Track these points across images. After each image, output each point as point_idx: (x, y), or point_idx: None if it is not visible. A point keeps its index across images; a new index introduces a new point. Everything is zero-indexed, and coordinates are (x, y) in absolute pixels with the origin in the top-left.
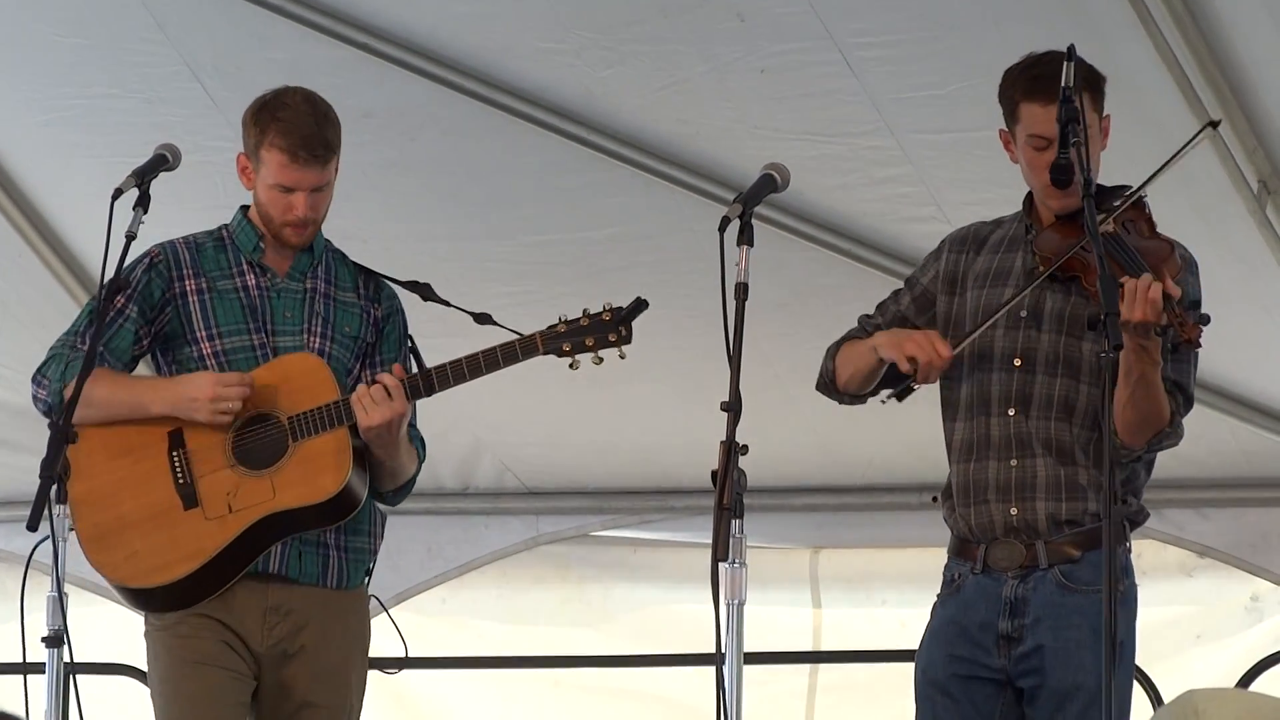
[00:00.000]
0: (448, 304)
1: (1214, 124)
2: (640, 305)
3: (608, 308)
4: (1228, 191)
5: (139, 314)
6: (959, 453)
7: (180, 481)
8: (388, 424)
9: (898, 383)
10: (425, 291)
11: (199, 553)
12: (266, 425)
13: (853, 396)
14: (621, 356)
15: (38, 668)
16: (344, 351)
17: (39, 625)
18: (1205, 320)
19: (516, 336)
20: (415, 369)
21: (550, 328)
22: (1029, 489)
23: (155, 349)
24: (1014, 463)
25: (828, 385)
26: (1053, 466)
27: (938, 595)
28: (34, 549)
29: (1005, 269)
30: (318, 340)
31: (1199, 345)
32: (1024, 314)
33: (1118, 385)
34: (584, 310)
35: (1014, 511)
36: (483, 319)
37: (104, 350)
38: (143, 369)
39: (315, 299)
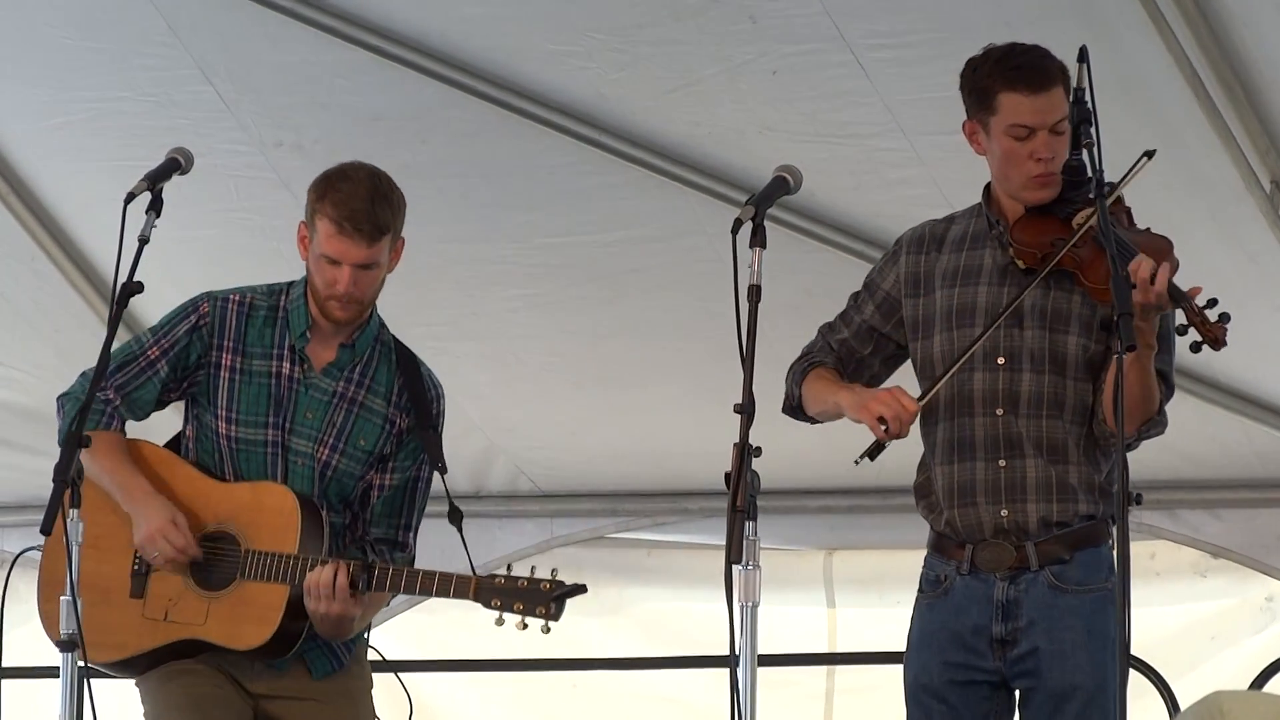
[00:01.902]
0: (443, 475)
1: (1148, 154)
2: (578, 589)
3: (552, 579)
4: (1240, 193)
5: (169, 373)
6: (942, 453)
7: (135, 568)
8: (333, 619)
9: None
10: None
11: (122, 647)
12: (228, 548)
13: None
14: (545, 631)
15: (52, 671)
16: (353, 464)
17: (36, 630)
18: (1227, 318)
19: (462, 570)
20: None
21: (490, 577)
22: (1019, 490)
23: (187, 396)
24: (1002, 463)
25: (795, 410)
26: (1043, 467)
27: (920, 593)
28: (20, 552)
29: (974, 266)
30: (327, 451)
31: (1225, 344)
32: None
33: (1111, 372)
34: (531, 569)
35: (1004, 513)
36: (454, 517)
37: (122, 402)
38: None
39: (339, 406)
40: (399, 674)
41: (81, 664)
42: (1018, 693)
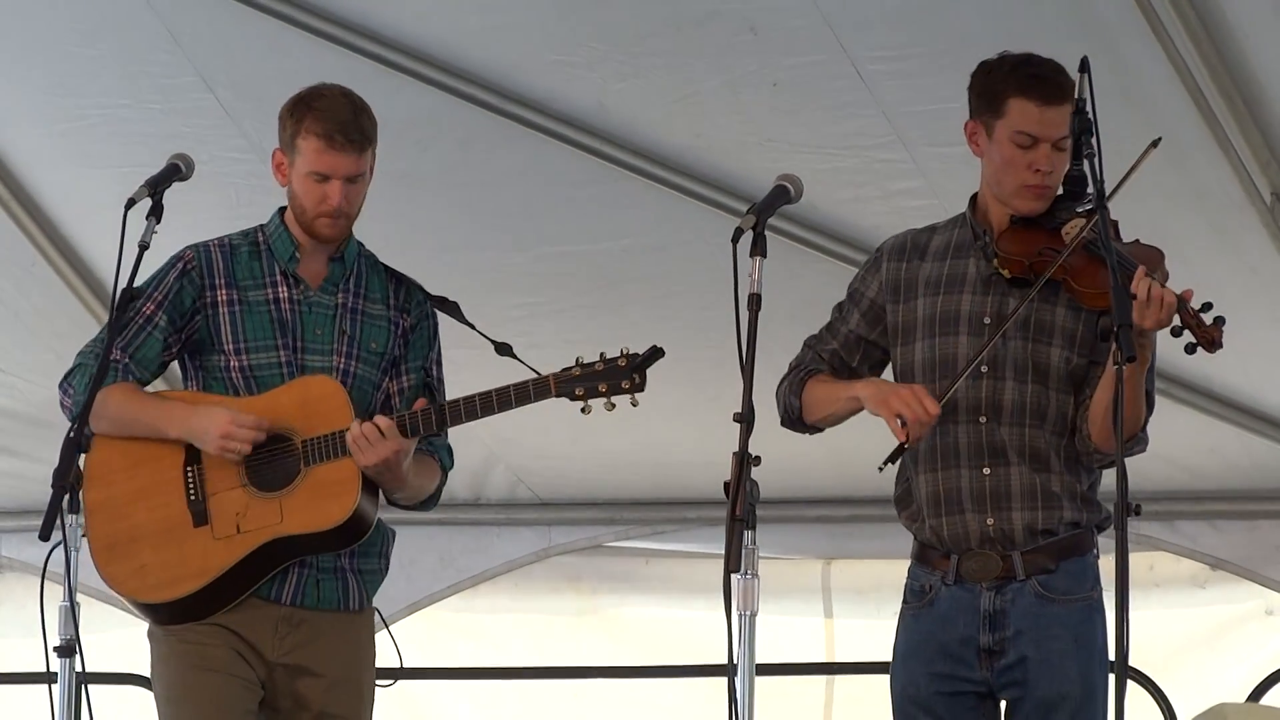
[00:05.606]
0: (473, 327)
1: (1155, 143)
2: (656, 353)
3: (624, 353)
4: (1241, 204)
5: (168, 323)
6: (925, 461)
7: (192, 497)
8: (384, 463)
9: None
10: (453, 311)
11: (204, 571)
12: (281, 447)
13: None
14: (634, 404)
15: (50, 677)
16: (370, 369)
17: (50, 635)
18: (1222, 321)
19: (532, 375)
20: (435, 389)
21: (565, 370)
22: (1004, 498)
23: (184, 354)
24: (987, 470)
25: (795, 422)
26: (1027, 474)
27: (905, 604)
28: (48, 555)
29: (958, 275)
30: (343, 360)
31: (1220, 345)
32: (988, 321)
33: (1098, 391)
34: (600, 354)
35: (990, 522)
36: (503, 350)
37: (130, 361)
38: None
39: (344, 315)
40: (389, 627)
41: (79, 670)
42: (1004, 703)
